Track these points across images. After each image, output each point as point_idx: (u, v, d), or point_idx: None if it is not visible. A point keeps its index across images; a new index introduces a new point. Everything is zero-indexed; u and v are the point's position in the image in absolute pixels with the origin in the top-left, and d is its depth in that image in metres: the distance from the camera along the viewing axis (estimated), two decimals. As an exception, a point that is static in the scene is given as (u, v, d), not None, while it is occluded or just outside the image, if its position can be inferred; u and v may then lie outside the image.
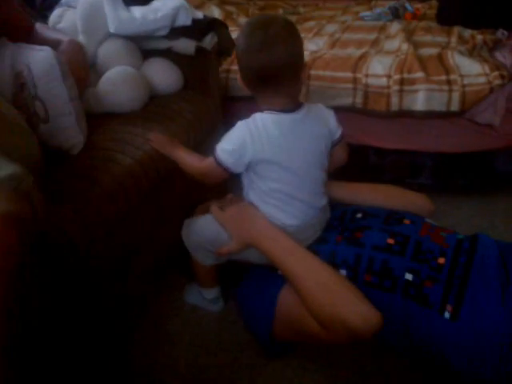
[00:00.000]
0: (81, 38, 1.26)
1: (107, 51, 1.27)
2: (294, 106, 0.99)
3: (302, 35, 1.85)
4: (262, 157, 0.99)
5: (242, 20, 2.36)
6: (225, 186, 1.33)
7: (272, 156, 0.99)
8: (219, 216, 1.04)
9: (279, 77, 0.94)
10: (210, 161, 1.00)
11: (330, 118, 1.05)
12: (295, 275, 0.93)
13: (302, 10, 2.60)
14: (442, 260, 0.96)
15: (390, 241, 1.01)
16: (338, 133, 1.06)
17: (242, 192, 1.08)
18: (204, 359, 1.08)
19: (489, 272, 0.93)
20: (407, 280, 0.95)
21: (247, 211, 1.03)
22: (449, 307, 0.90)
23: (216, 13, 2.33)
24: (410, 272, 0.95)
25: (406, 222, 1.07)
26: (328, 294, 0.89)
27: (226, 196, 1.14)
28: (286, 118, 0.99)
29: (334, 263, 0.99)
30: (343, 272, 0.99)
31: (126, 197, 0.99)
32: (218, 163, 0.98)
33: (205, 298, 1.21)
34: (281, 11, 2.58)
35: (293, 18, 2.36)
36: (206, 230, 1.07)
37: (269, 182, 1.02)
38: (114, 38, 1.29)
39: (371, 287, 0.97)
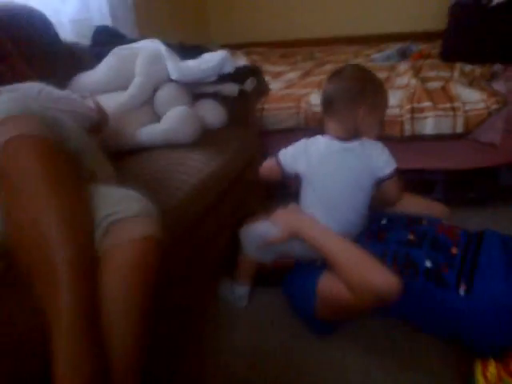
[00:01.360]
0: (139, 80, 1.51)
1: (166, 95, 1.54)
2: (348, 136, 1.23)
3: (321, 77, 2.14)
4: (305, 170, 1.24)
5: (266, 66, 2.67)
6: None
7: (310, 170, 1.25)
8: (271, 215, 1.27)
9: (331, 107, 1.22)
10: (273, 159, 1.32)
11: (379, 155, 1.23)
12: (332, 253, 1.14)
13: (317, 55, 2.91)
14: (455, 250, 1.17)
15: (411, 236, 1.23)
16: (387, 171, 1.23)
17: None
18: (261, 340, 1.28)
19: (493, 256, 1.14)
20: (427, 267, 1.15)
21: (293, 208, 1.27)
22: (463, 286, 1.10)
23: (241, 61, 2.64)
24: (429, 260, 1.16)
25: (424, 222, 1.29)
26: (358, 266, 1.09)
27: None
28: (336, 144, 1.23)
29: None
30: (372, 265, 1.20)
31: (195, 208, 1.23)
32: (277, 161, 1.29)
33: (234, 293, 1.41)
34: (299, 57, 2.89)
35: (311, 63, 2.66)
36: (266, 230, 1.29)
37: (307, 195, 1.27)
38: (169, 84, 1.55)
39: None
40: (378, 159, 1.23)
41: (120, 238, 0.85)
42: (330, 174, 1.24)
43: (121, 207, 0.87)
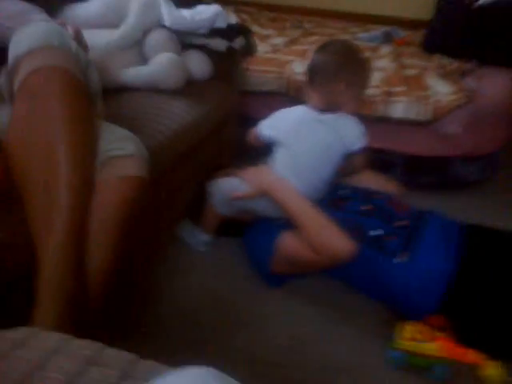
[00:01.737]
0: (132, 21, 1.52)
1: (155, 39, 1.56)
2: (326, 108, 1.31)
3: (307, 47, 2.21)
4: (281, 135, 1.35)
5: (254, 28, 2.69)
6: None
7: (284, 136, 1.34)
8: (241, 172, 1.36)
9: (314, 78, 1.29)
10: (255, 128, 1.43)
11: (352, 130, 1.32)
12: (298, 214, 1.25)
13: (306, 25, 2.94)
14: (399, 223, 1.31)
15: (364, 207, 1.35)
16: (356, 146, 1.34)
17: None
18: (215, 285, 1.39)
19: (432, 232, 1.28)
20: (373, 235, 1.28)
21: (263, 168, 1.36)
22: (403, 254, 1.24)
23: (233, 19, 2.65)
24: (375, 229, 1.29)
25: (378, 196, 1.41)
26: (321, 230, 1.22)
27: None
28: (312, 114, 1.31)
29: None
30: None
31: (173, 152, 1.30)
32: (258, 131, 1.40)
33: (198, 238, 1.51)
34: (288, 24, 2.92)
35: (298, 32, 2.71)
36: (233, 187, 1.39)
37: (279, 157, 1.36)
38: (160, 30, 1.58)
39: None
40: (351, 134, 1.32)
41: (115, 173, 0.95)
42: (303, 141, 1.34)
43: (117, 145, 0.96)
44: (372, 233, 1.28)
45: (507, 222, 1.48)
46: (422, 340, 1.12)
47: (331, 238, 1.20)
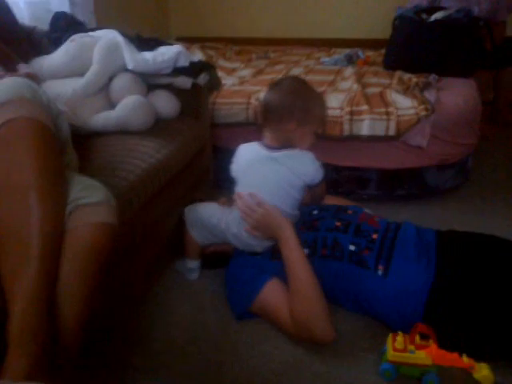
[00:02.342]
0: (96, 68, 1.56)
1: (121, 83, 1.60)
2: (280, 145, 1.32)
3: (273, 76, 2.27)
4: (235, 173, 1.39)
5: (221, 62, 2.77)
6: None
7: (239, 175, 1.38)
8: (249, 218, 1.33)
9: (266, 116, 1.31)
10: None
11: (308, 166, 1.31)
12: (299, 282, 1.24)
13: (272, 55, 3.03)
14: (375, 235, 1.33)
15: (338, 224, 1.38)
16: (316, 179, 1.34)
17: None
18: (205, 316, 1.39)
19: (408, 243, 1.30)
20: (351, 250, 1.30)
21: (273, 216, 1.30)
22: (381, 267, 1.26)
23: (199, 56, 2.72)
24: (352, 244, 1.31)
25: (349, 212, 1.44)
26: (312, 306, 1.21)
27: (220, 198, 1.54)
28: (263, 152, 1.34)
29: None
30: (306, 251, 1.33)
31: (145, 191, 1.32)
32: None
33: (186, 266, 1.53)
34: (254, 56, 3.00)
35: (264, 62, 2.79)
36: (209, 215, 1.41)
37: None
38: (125, 73, 1.62)
39: (325, 258, 1.32)
40: (305, 170, 1.32)
41: (83, 220, 0.97)
42: (254, 179, 1.36)
43: (85, 194, 0.99)
44: (350, 248, 1.30)
45: (482, 226, 1.51)
46: (412, 350, 1.13)
47: (316, 319, 1.20)
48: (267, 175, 1.33)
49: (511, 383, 1.13)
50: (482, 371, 1.11)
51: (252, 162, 1.36)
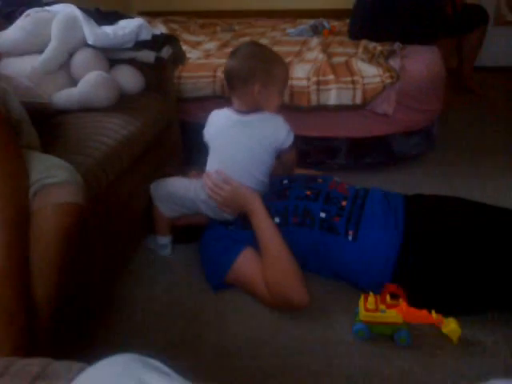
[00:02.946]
0: (55, 44, 1.51)
1: (82, 60, 1.56)
2: (249, 110, 1.34)
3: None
4: (208, 139, 1.40)
5: (185, 36, 2.72)
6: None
7: (212, 140, 1.38)
8: (217, 196, 1.35)
9: (231, 83, 1.33)
10: None
11: (278, 129, 1.34)
12: (270, 251, 1.27)
13: (236, 27, 2.98)
14: (344, 202, 1.36)
15: (308, 192, 1.39)
16: (287, 143, 1.36)
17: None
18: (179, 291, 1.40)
19: (376, 208, 1.33)
20: (322, 217, 1.32)
21: (240, 191, 1.34)
22: (350, 232, 1.29)
23: (162, 30, 2.66)
24: (323, 212, 1.33)
25: (319, 180, 1.46)
26: (285, 273, 1.24)
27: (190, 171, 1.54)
28: (234, 117, 1.35)
29: (270, 214, 1.35)
30: (277, 220, 1.35)
31: (113, 168, 1.30)
32: None
33: (157, 243, 1.53)
34: (218, 29, 2.95)
35: (229, 35, 2.75)
36: (176, 187, 1.41)
37: (210, 161, 1.40)
38: (86, 49, 1.58)
39: (297, 226, 1.34)
40: (277, 133, 1.35)
41: (49, 201, 0.95)
42: (227, 145, 1.37)
43: (50, 173, 0.96)
44: (321, 215, 1.33)
45: (447, 190, 1.56)
46: (383, 309, 1.17)
47: (291, 286, 1.23)
48: (239, 139, 1.35)
49: (477, 336, 1.19)
50: (450, 325, 1.16)
51: (224, 128, 1.38)
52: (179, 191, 1.43)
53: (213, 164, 1.40)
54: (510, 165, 2.09)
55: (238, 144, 1.35)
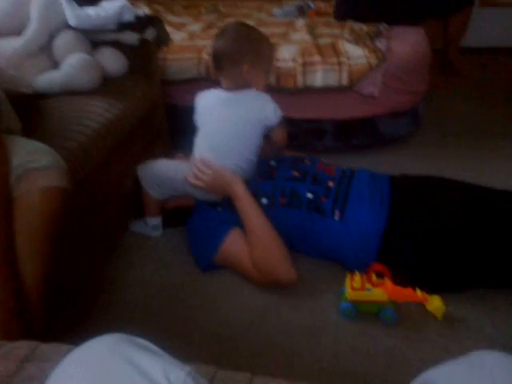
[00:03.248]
0: (35, 25, 1.47)
1: (63, 42, 1.53)
2: (237, 89, 1.35)
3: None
4: (197, 118, 1.39)
5: (169, 17, 2.67)
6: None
7: (201, 119, 1.39)
8: (200, 182, 1.35)
9: (219, 64, 1.33)
10: None
11: (265, 106, 1.35)
12: (255, 231, 1.28)
13: (221, 8, 2.94)
14: (331, 183, 1.36)
15: (295, 173, 1.40)
16: (274, 120, 1.37)
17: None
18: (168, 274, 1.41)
19: (362, 188, 1.35)
20: (309, 198, 1.33)
21: (223, 175, 1.35)
22: (337, 213, 1.30)
23: (146, 11, 2.60)
24: (310, 192, 1.34)
25: (307, 162, 1.46)
26: (271, 253, 1.25)
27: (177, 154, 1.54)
28: (223, 95, 1.36)
29: (257, 196, 1.35)
30: (264, 200, 1.36)
31: (97, 152, 1.29)
32: None
33: (148, 224, 1.53)
34: (203, 10, 2.90)
35: (214, 16, 2.71)
36: (164, 169, 1.41)
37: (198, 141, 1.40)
38: (67, 30, 1.54)
39: (285, 207, 1.34)
40: (264, 109, 1.36)
41: (30, 186, 0.94)
42: (216, 122, 1.38)
43: (32, 158, 0.95)
44: (308, 196, 1.33)
45: (433, 171, 1.56)
46: (369, 288, 1.19)
47: (279, 264, 1.24)
48: (227, 116, 1.36)
49: (461, 312, 1.22)
50: (435, 303, 1.18)
51: (212, 106, 1.39)
52: (168, 173, 1.43)
53: (201, 143, 1.40)
54: (495, 145, 2.11)
55: (227, 120, 1.36)
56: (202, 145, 1.39)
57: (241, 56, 1.31)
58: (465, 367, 0.53)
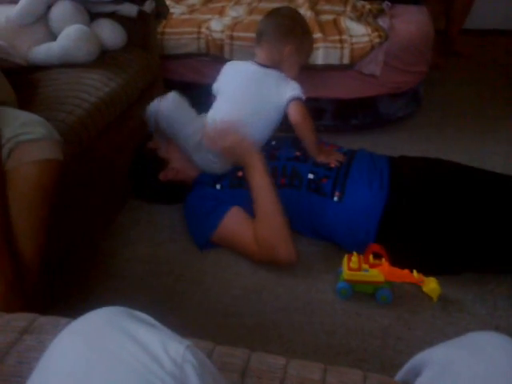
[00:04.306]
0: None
1: (61, 12, 1.49)
2: (268, 65, 1.38)
3: (224, 3, 2.17)
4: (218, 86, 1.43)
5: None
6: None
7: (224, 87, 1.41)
8: (216, 145, 1.33)
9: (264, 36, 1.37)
10: None
11: (290, 88, 1.35)
12: (265, 204, 1.27)
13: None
14: (332, 164, 1.36)
15: (298, 153, 1.39)
16: (286, 98, 1.35)
17: None
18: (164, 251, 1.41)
19: (362, 169, 1.34)
20: (310, 179, 1.32)
21: (245, 143, 1.33)
22: (337, 193, 1.29)
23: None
24: (311, 173, 1.33)
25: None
26: (278, 229, 1.25)
27: None
28: (253, 66, 1.38)
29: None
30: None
31: (94, 125, 1.27)
32: None
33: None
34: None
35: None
36: (181, 112, 1.36)
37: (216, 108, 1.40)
38: (64, 2, 1.50)
39: (285, 187, 1.33)
40: (287, 90, 1.36)
41: (23, 159, 0.92)
42: (241, 94, 1.38)
43: (25, 130, 0.93)
44: (309, 177, 1.33)
45: (433, 152, 1.56)
46: (366, 269, 1.19)
47: (281, 243, 1.24)
48: (253, 89, 1.37)
49: (456, 294, 1.22)
50: (431, 285, 1.19)
51: (240, 74, 1.41)
52: (181, 118, 1.35)
53: (219, 110, 1.39)
54: (494, 128, 2.10)
55: (251, 93, 1.37)
56: (221, 111, 1.38)
57: (290, 35, 1.35)
58: (464, 348, 0.54)
